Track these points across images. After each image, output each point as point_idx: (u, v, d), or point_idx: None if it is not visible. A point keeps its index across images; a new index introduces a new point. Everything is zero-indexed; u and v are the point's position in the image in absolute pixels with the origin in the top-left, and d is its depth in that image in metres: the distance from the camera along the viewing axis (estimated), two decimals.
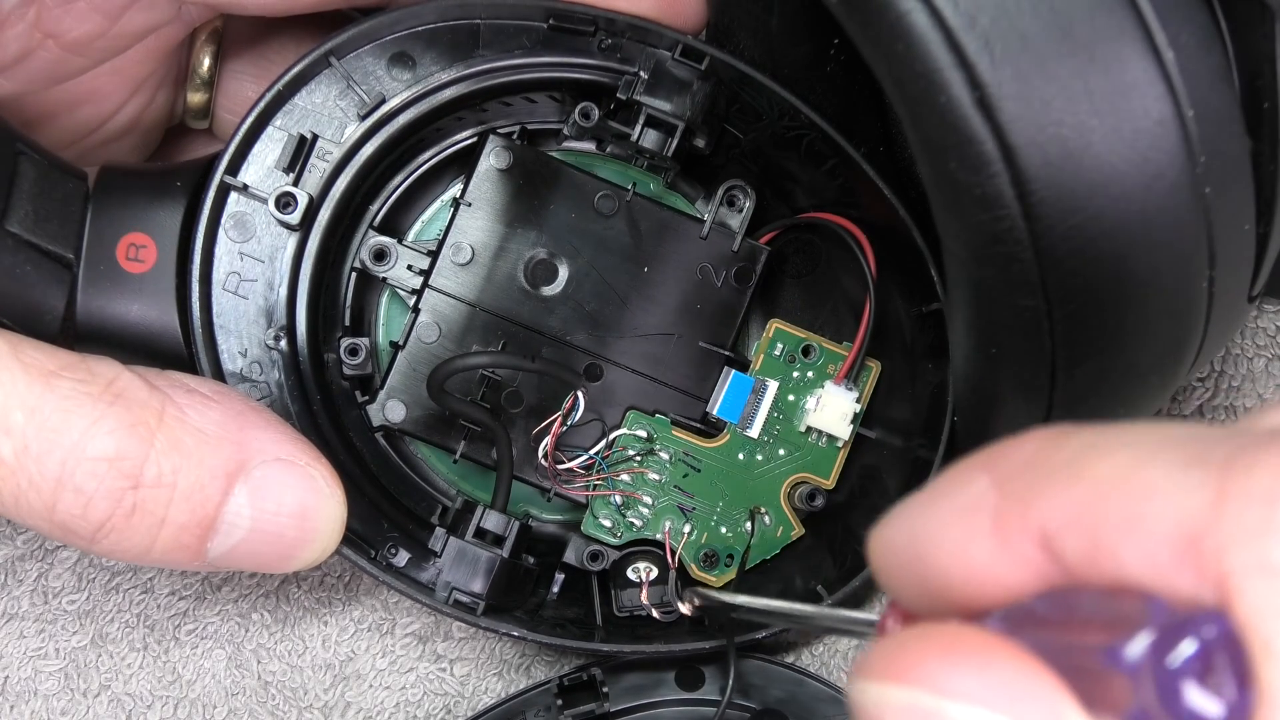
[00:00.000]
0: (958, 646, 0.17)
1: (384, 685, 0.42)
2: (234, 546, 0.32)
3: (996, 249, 0.27)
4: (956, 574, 0.19)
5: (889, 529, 0.20)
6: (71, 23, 0.36)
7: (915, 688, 0.17)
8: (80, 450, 0.30)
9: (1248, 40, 0.27)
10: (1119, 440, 0.17)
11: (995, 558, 0.18)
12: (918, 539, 0.19)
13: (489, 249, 0.39)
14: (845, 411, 0.39)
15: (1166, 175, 0.26)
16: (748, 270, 0.39)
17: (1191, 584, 0.16)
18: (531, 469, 0.39)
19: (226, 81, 0.41)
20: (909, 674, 0.17)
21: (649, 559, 0.40)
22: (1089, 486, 0.17)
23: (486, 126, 0.40)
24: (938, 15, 0.25)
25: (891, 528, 0.20)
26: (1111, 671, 0.16)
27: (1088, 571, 0.17)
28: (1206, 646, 0.15)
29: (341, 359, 0.39)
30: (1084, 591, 0.17)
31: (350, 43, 0.37)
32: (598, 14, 0.37)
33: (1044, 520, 0.17)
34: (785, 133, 0.39)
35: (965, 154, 0.26)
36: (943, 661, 0.17)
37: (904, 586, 0.20)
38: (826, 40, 0.37)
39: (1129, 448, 0.17)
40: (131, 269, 0.36)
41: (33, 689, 0.42)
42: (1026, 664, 0.17)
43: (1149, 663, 0.16)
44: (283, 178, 0.37)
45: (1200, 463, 0.16)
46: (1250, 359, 0.44)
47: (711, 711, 0.39)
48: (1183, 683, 0.15)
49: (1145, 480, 0.16)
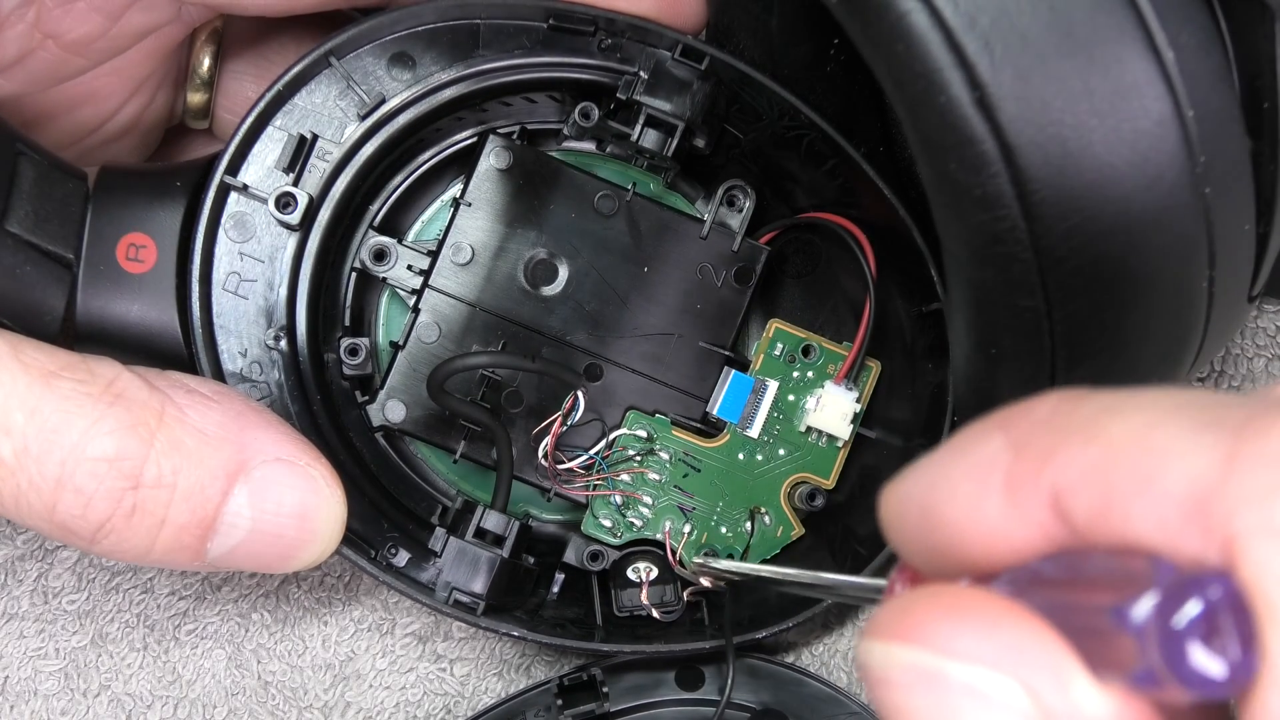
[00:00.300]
0: (962, 607, 0.18)
1: (384, 685, 0.42)
2: (234, 547, 0.32)
3: (996, 249, 0.27)
4: (966, 533, 0.19)
5: (902, 486, 0.20)
6: (71, 23, 0.36)
7: (919, 647, 0.17)
8: (80, 451, 0.30)
9: (1248, 40, 0.27)
10: (1134, 403, 0.17)
11: (1006, 517, 0.18)
12: (930, 496, 0.19)
13: (489, 249, 0.39)
14: (845, 411, 0.39)
15: (1166, 175, 0.26)
16: (748, 270, 0.39)
17: (1199, 546, 0.16)
18: (531, 469, 0.39)
19: (226, 81, 0.41)
20: (913, 634, 0.18)
21: (649, 559, 0.40)
22: (1102, 447, 0.17)
23: (486, 126, 0.40)
24: (938, 15, 0.25)
25: (904, 485, 0.20)
26: (1118, 632, 0.16)
27: (1097, 532, 0.17)
28: (1211, 607, 0.15)
29: (341, 359, 0.39)
30: (1092, 553, 0.17)
31: (350, 43, 0.37)
32: (598, 14, 0.37)
33: (1056, 480, 0.17)
34: (785, 133, 0.39)
35: (965, 154, 0.26)
36: (947, 621, 0.17)
37: (914, 545, 0.20)
38: (826, 40, 0.37)
39: (1144, 411, 0.17)
40: (131, 269, 0.36)
41: (33, 689, 0.42)
42: (1031, 625, 0.17)
43: (1154, 623, 0.16)
44: (283, 178, 0.37)
45: (1213, 427, 0.16)
46: (1250, 359, 0.44)
47: (711, 711, 0.39)
48: (1187, 643, 0.15)
49: (1158, 442, 0.16)
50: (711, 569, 0.37)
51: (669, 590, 0.39)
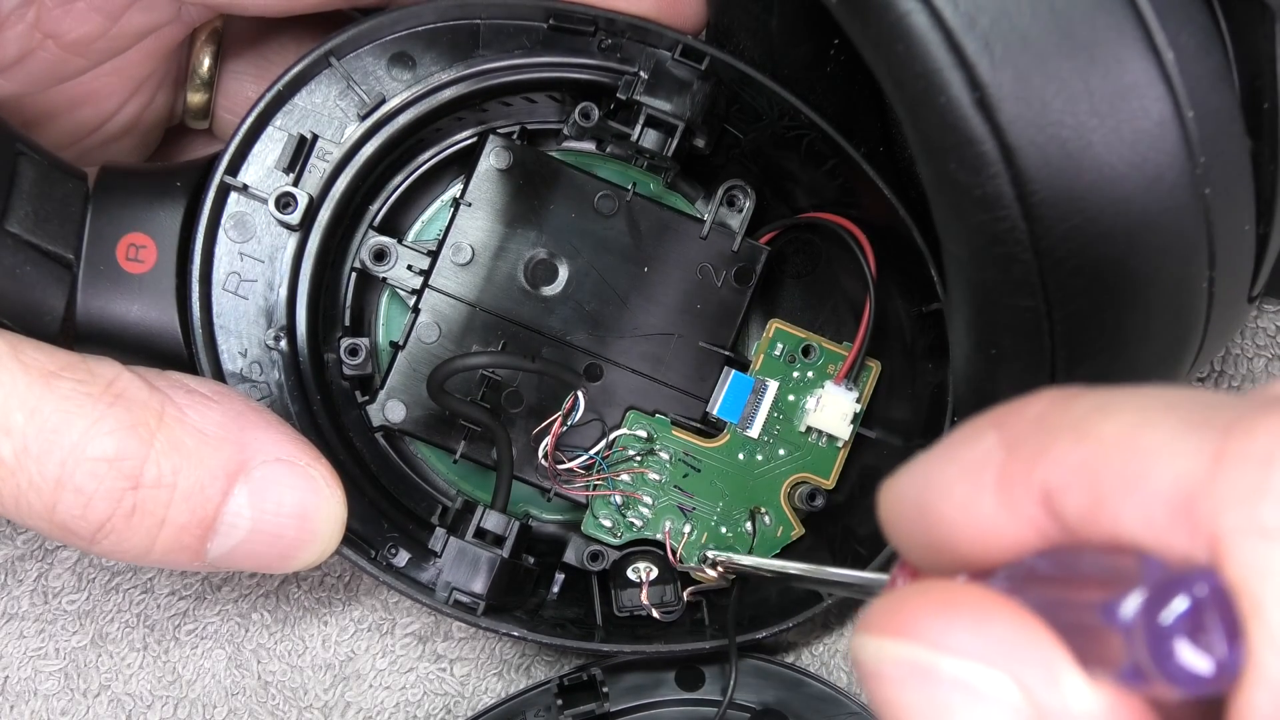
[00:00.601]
0: (954, 601, 0.18)
1: (384, 685, 0.42)
2: (234, 547, 0.32)
3: (996, 250, 0.27)
4: (961, 529, 0.19)
5: (899, 482, 0.20)
6: (71, 23, 0.36)
7: (912, 642, 0.18)
8: (80, 451, 0.30)
9: (1248, 40, 0.27)
10: (1125, 402, 0.18)
11: (999, 514, 0.18)
12: (925, 493, 0.19)
13: (489, 249, 0.39)
14: (845, 411, 0.39)
15: (1166, 176, 0.26)
16: (748, 270, 0.39)
17: (1186, 544, 0.16)
18: (531, 469, 0.39)
19: (226, 82, 0.41)
20: (905, 629, 0.18)
21: (649, 559, 0.40)
22: (1092, 446, 0.17)
23: (486, 126, 0.40)
24: (937, 16, 0.25)
25: (901, 481, 0.20)
26: (1107, 628, 0.16)
27: (1087, 530, 0.17)
28: (1198, 604, 0.16)
29: (341, 359, 0.39)
30: (1084, 550, 0.18)
31: (350, 43, 0.37)
32: (598, 14, 0.37)
33: (1047, 478, 0.18)
34: (785, 133, 0.39)
35: (965, 155, 0.26)
36: (939, 617, 0.18)
37: (911, 542, 0.20)
38: (826, 40, 0.37)
39: (1134, 410, 0.17)
40: (131, 269, 0.36)
41: (33, 689, 0.42)
42: (1024, 620, 0.17)
43: (1142, 620, 0.16)
44: (283, 178, 0.37)
45: (1202, 426, 0.16)
46: (1250, 359, 0.44)
47: (711, 711, 0.39)
48: (1174, 640, 0.16)
49: (1147, 441, 0.17)
50: (727, 563, 0.37)
51: (669, 590, 0.39)
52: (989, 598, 0.18)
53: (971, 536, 0.19)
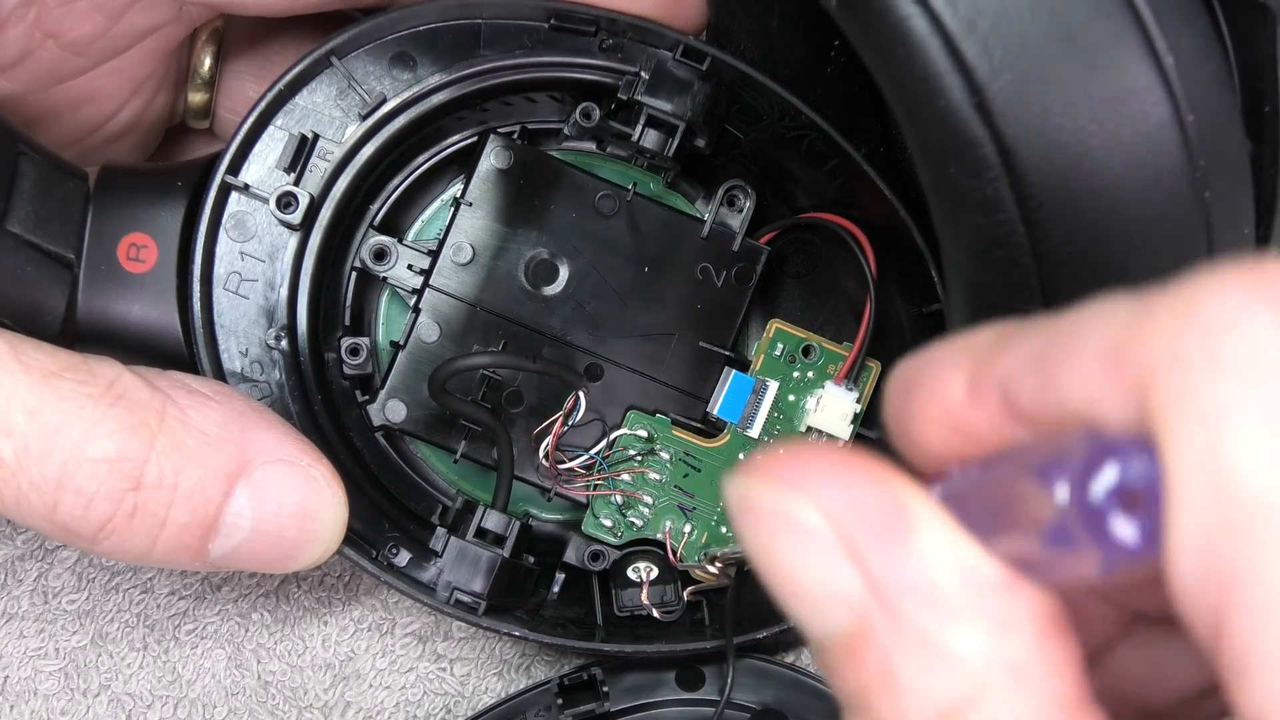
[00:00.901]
0: (816, 456, 0.19)
1: (384, 685, 0.42)
2: (235, 547, 0.32)
3: (996, 253, 0.27)
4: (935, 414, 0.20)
5: (902, 364, 0.21)
6: (72, 23, 0.36)
7: (763, 482, 0.19)
8: (81, 451, 0.30)
9: (1248, 43, 0.27)
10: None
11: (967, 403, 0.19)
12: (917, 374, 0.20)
13: (489, 249, 0.39)
14: (845, 412, 0.39)
15: (1166, 180, 0.26)
16: (748, 270, 0.39)
17: (1121, 402, 0.16)
18: (532, 469, 0.39)
19: (227, 81, 0.41)
20: (764, 470, 0.19)
21: (649, 559, 0.40)
22: (1040, 335, 0.18)
23: (487, 126, 0.40)
24: (937, 20, 0.25)
25: (903, 364, 0.21)
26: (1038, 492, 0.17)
27: (1039, 415, 0.18)
28: (1128, 470, 0.16)
29: (342, 358, 0.39)
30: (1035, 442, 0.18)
31: (351, 43, 0.37)
32: (599, 14, 0.37)
33: (1002, 373, 0.18)
34: (786, 133, 0.39)
35: (965, 158, 0.26)
36: (795, 465, 0.19)
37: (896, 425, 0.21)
38: (826, 42, 0.37)
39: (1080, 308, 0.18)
40: (132, 269, 0.36)
41: (33, 689, 0.42)
42: (880, 477, 0.18)
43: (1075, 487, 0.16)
44: (283, 177, 0.37)
45: (1135, 296, 0.17)
46: None
47: (711, 711, 0.39)
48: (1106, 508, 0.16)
49: (1088, 317, 0.17)
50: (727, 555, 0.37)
51: (669, 590, 0.39)
52: (853, 456, 0.19)
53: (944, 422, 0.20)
